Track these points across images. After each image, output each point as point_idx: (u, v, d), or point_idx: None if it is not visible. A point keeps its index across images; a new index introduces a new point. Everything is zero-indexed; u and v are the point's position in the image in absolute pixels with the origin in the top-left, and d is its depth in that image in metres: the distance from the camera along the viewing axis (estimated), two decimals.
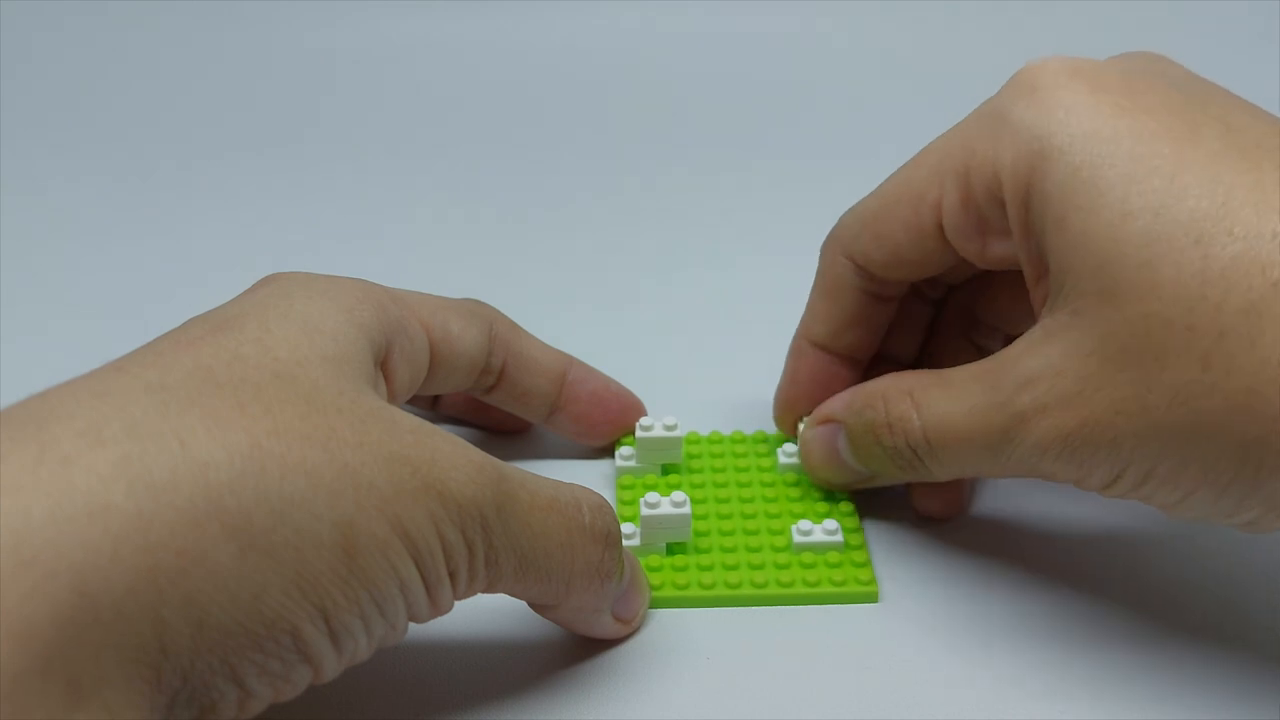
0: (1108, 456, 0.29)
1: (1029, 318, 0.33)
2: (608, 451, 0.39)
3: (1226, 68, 0.31)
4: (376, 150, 0.62)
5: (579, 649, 0.32)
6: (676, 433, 0.38)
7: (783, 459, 0.38)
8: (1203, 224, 0.27)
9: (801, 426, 0.37)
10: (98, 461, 0.22)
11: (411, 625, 0.27)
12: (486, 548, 0.27)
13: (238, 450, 0.23)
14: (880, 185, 0.35)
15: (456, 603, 0.27)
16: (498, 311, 0.37)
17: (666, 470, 0.38)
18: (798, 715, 0.31)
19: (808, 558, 0.35)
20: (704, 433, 0.40)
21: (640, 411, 0.39)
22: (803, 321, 0.38)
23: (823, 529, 0.35)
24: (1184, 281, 0.27)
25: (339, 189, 0.58)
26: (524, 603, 0.30)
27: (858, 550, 0.35)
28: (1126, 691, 0.31)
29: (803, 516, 0.36)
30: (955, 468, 0.33)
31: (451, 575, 0.26)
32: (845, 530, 0.35)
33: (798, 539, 0.35)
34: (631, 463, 0.38)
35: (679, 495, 0.34)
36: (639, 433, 0.38)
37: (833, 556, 0.35)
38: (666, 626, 0.33)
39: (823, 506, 0.37)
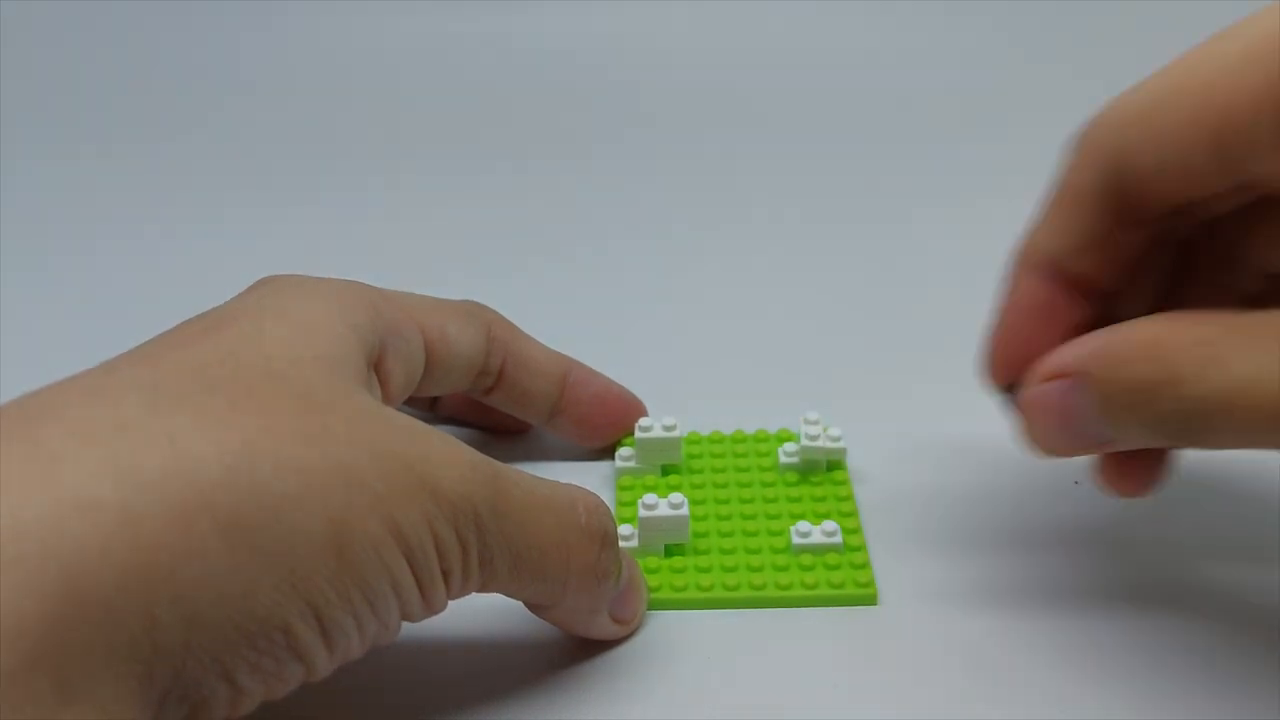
0: None
1: None
2: (607, 452, 0.39)
3: None
4: (375, 152, 0.62)
5: (576, 650, 0.32)
6: (676, 433, 0.37)
7: (783, 458, 0.38)
8: None
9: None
10: (88, 459, 0.22)
11: (408, 625, 0.27)
12: (480, 546, 0.27)
13: (229, 448, 0.23)
14: (1159, 71, 0.28)
15: (452, 603, 0.27)
16: (496, 313, 0.37)
17: (666, 471, 0.38)
18: (796, 717, 0.30)
19: (806, 559, 0.34)
20: (704, 433, 0.40)
21: (641, 412, 0.39)
22: (1028, 237, 0.31)
23: (821, 530, 0.35)
24: None
25: (337, 190, 0.58)
26: (521, 604, 0.30)
27: (857, 552, 0.35)
28: (1126, 693, 0.31)
29: (802, 518, 0.36)
30: (1245, 441, 0.26)
31: (445, 574, 0.26)
32: (844, 532, 0.35)
33: (796, 540, 0.35)
34: (631, 463, 0.38)
35: (677, 497, 0.34)
36: (638, 433, 0.38)
37: (831, 558, 0.34)
38: (664, 628, 0.33)
39: (823, 507, 0.36)
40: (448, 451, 0.26)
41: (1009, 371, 0.31)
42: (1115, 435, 0.28)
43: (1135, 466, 0.31)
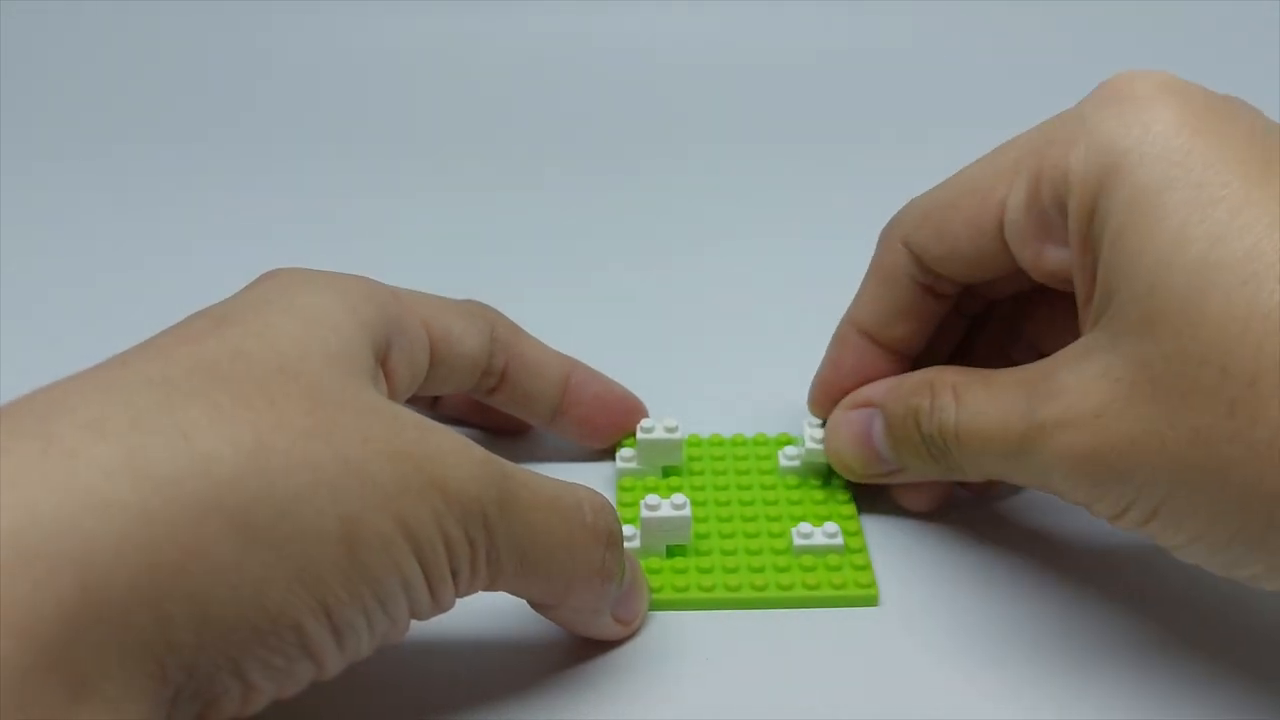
0: (1117, 485, 0.28)
1: (1072, 339, 0.32)
2: (609, 453, 0.39)
3: (1227, 68, 0.31)
4: (377, 150, 0.62)
5: (579, 650, 0.32)
6: (677, 435, 0.38)
7: (784, 461, 0.38)
8: (1256, 264, 0.26)
9: None
10: (102, 455, 0.22)
11: (413, 624, 0.27)
12: (488, 545, 0.27)
13: (241, 445, 0.23)
14: (949, 178, 0.34)
15: (458, 601, 0.27)
16: (499, 313, 0.37)
17: (667, 472, 0.38)
18: (796, 717, 0.30)
19: (808, 560, 0.35)
20: (705, 435, 0.40)
21: (643, 413, 0.39)
22: (852, 307, 0.37)
23: (823, 532, 0.35)
24: (1226, 321, 0.26)
25: (339, 188, 0.58)
26: (525, 602, 0.30)
27: (858, 553, 0.35)
28: (1127, 693, 0.31)
29: (803, 519, 0.36)
30: (982, 468, 0.32)
31: (454, 572, 0.26)
32: (845, 533, 0.35)
33: (798, 542, 0.35)
34: (632, 465, 0.38)
35: (679, 498, 0.34)
36: (640, 435, 0.38)
37: (832, 559, 0.35)
38: (666, 628, 0.33)
39: (823, 509, 0.37)
40: (457, 450, 0.26)
41: (829, 409, 0.37)
42: (899, 460, 0.35)
43: (924, 487, 0.37)
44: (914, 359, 0.37)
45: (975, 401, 0.32)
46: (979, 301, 0.37)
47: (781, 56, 0.69)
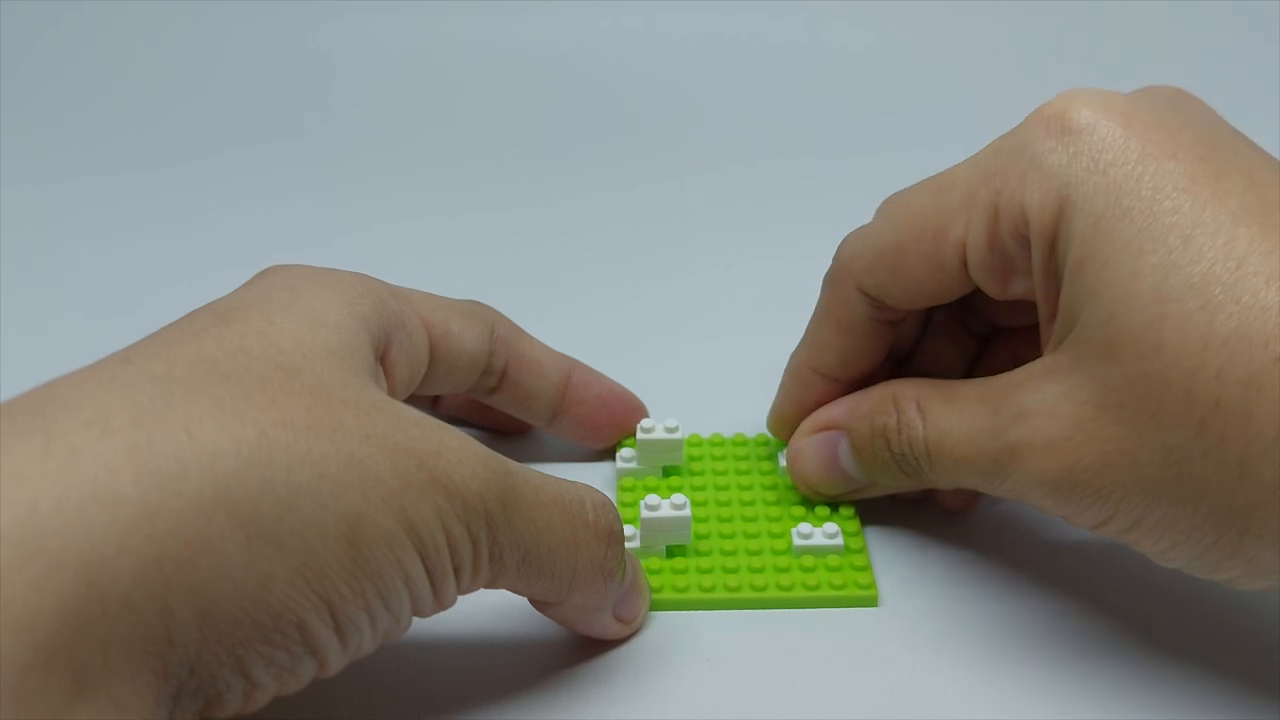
0: (1094, 502, 0.29)
1: (1024, 316, 0.34)
2: (609, 453, 0.39)
3: (1225, 73, 0.31)
4: (379, 150, 0.62)
5: (579, 649, 0.32)
6: (678, 435, 0.38)
7: (784, 461, 0.38)
8: (1212, 289, 0.27)
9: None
10: (105, 451, 0.22)
11: (415, 622, 0.27)
12: (491, 542, 0.27)
13: (245, 440, 0.23)
14: (890, 213, 0.34)
15: (460, 599, 0.27)
16: (500, 314, 0.37)
17: (668, 472, 0.38)
18: (796, 717, 0.30)
19: (808, 561, 0.35)
20: (705, 435, 0.40)
21: (643, 414, 0.39)
22: (806, 349, 0.37)
23: (823, 532, 0.35)
24: (1186, 345, 0.27)
25: (341, 188, 0.58)
26: (526, 601, 0.30)
27: (858, 554, 0.35)
28: (1126, 694, 0.31)
29: (803, 520, 0.36)
30: (957, 482, 0.33)
31: (456, 569, 0.26)
32: (845, 534, 0.35)
33: (798, 542, 0.35)
34: (633, 465, 0.38)
35: (679, 498, 0.34)
36: (640, 435, 0.38)
37: (833, 560, 0.35)
38: (667, 628, 0.33)
39: (823, 510, 0.37)
40: (460, 447, 0.26)
41: (787, 436, 0.38)
42: (866, 477, 0.35)
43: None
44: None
45: (941, 419, 0.32)
46: (981, 322, 0.37)
47: (791, 57, 0.69)
